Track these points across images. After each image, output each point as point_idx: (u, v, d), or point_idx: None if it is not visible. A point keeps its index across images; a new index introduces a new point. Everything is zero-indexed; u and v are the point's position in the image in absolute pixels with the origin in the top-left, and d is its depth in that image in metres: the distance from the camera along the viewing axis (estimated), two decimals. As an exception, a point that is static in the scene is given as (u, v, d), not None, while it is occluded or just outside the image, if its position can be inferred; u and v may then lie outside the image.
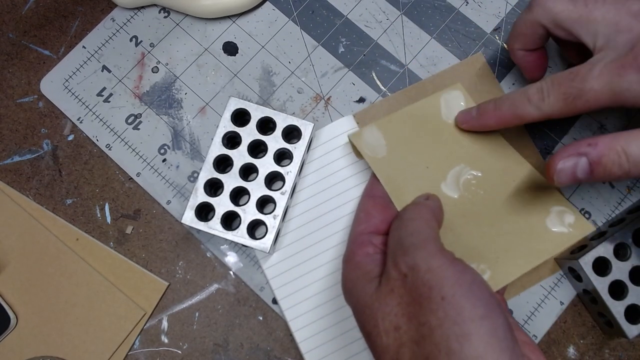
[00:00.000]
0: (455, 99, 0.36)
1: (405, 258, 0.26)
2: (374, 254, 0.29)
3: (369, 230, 0.31)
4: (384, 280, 0.27)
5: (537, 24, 0.32)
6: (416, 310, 0.25)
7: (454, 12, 0.41)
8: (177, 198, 0.38)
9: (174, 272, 0.38)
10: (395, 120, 0.35)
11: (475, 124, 0.34)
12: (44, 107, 0.40)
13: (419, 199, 0.32)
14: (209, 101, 0.40)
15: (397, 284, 0.26)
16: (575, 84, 0.28)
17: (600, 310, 0.35)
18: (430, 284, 0.24)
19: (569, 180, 0.28)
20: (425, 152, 0.34)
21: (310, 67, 0.40)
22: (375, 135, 0.34)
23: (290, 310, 0.36)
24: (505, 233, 0.33)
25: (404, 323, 0.25)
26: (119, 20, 0.42)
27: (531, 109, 0.30)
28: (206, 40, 0.41)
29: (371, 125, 0.35)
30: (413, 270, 0.25)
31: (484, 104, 0.33)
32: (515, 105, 0.31)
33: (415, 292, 0.25)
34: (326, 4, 0.41)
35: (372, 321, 0.26)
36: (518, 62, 0.36)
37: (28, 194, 0.39)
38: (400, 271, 0.26)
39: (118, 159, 0.39)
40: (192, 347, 0.36)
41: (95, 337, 0.36)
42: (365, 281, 0.28)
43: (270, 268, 0.36)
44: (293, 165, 0.36)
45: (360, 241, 0.30)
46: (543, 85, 0.30)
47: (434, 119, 0.35)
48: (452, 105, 0.35)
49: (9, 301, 0.37)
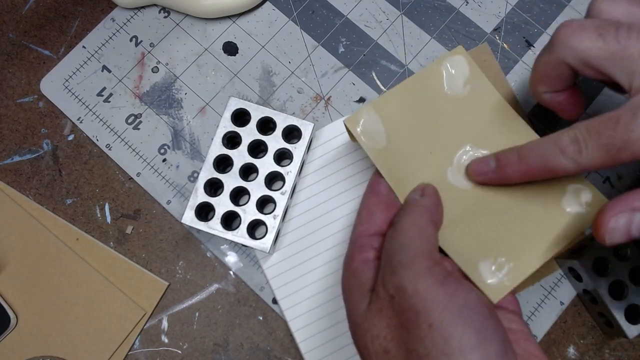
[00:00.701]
0: (458, 65, 0.32)
1: (392, 278, 0.25)
2: (373, 260, 0.28)
3: (370, 231, 0.29)
4: (374, 298, 0.25)
5: (561, 64, 0.28)
6: (404, 335, 0.23)
7: (454, 12, 0.41)
8: (177, 198, 0.38)
9: (174, 272, 0.38)
10: (392, 97, 0.32)
11: (493, 177, 0.30)
12: (44, 107, 0.40)
13: (414, 195, 0.30)
14: (209, 101, 0.40)
15: (385, 304, 0.25)
16: (618, 134, 0.24)
17: (600, 310, 0.35)
18: (416, 308, 0.23)
19: (623, 239, 0.25)
20: (428, 135, 0.32)
21: (310, 67, 0.40)
22: (373, 120, 0.31)
23: (290, 310, 0.36)
24: (521, 219, 0.30)
25: (392, 347, 0.24)
26: (119, 20, 0.42)
27: (566, 161, 0.26)
28: (206, 40, 0.41)
29: (367, 106, 0.32)
30: (399, 292, 0.24)
31: (504, 153, 0.29)
32: (545, 158, 0.27)
33: (402, 316, 0.24)
34: (326, 4, 0.41)
35: (363, 342, 0.25)
36: (547, 105, 0.31)
37: (28, 194, 0.39)
38: (387, 291, 0.25)
39: (118, 159, 0.39)
40: (192, 347, 0.36)
41: (95, 337, 0.36)
42: (358, 295, 0.26)
43: (270, 268, 0.36)
44: (293, 165, 0.36)
45: (360, 244, 0.29)
46: (578, 134, 0.26)
47: (435, 93, 0.32)
48: (455, 74, 0.32)
49: (9, 301, 0.37)
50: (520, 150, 0.28)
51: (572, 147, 0.26)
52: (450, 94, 0.33)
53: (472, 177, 0.31)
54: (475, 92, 0.33)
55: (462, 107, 0.32)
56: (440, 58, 0.33)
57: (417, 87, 0.32)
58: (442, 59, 0.33)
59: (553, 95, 0.30)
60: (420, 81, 0.32)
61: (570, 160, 0.26)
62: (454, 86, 0.32)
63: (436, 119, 0.32)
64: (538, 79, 0.30)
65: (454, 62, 0.33)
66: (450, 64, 0.33)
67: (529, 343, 0.26)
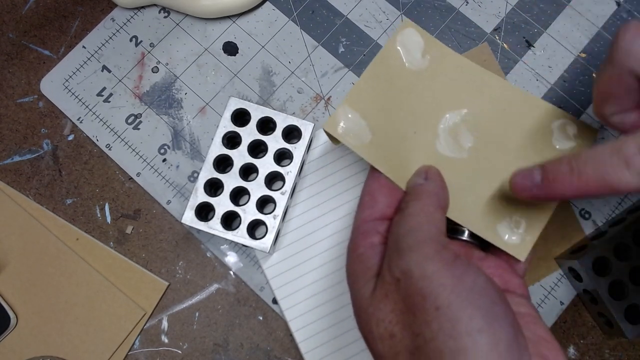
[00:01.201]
0: (411, 39, 0.32)
1: (399, 261, 0.24)
2: (378, 245, 0.27)
3: (374, 216, 0.28)
4: (379, 283, 0.25)
5: (627, 75, 0.24)
6: (410, 319, 0.23)
7: (454, 12, 0.41)
8: (177, 198, 0.38)
9: (174, 272, 0.38)
10: (362, 89, 0.31)
11: (539, 194, 0.26)
12: (44, 107, 0.40)
13: (418, 179, 0.29)
14: (209, 101, 0.40)
15: (391, 289, 0.24)
16: None
17: (600, 310, 0.35)
18: (423, 292, 0.23)
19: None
20: (407, 115, 0.31)
21: (310, 67, 0.40)
22: (351, 117, 0.31)
23: (290, 310, 0.36)
24: None
25: (398, 331, 0.23)
26: (119, 20, 0.42)
27: (631, 177, 0.22)
28: (206, 40, 0.41)
29: (342, 106, 0.31)
30: (406, 276, 0.23)
31: (553, 165, 0.25)
32: (604, 171, 0.23)
33: (409, 300, 0.23)
34: (326, 4, 0.41)
35: (367, 326, 0.25)
36: (618, 128, 0.27)
37: (28, 194, 0.39)
38: (393, 275, 0.24)
39: (118, 159, 0.39)
40: (192, 347, 0.36)
41: (95, 337, 0.36)
42: (364, 280, 0.26)
43: (270, 268, 0.36)
44: (293, 165, 0.36)
45: (364, 230, 0.28)
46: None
47: (399, 71, 0.32)
48: (410, 48, 0.32)
49: (9, 301, 0.37)
50: (573, 162, 0.24)
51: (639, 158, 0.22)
52: (412, 68, 0.32)
53: (516, 193, 0.27)
54: (436, 60, 0.33)
55: (428, 78, 0.32)
56: (392, 36, 0.32)
57: (381, 70, 0.32)
58: (394, 37, 0.32)
59: (624, 116, 0.26)
60: (381, 64, 0.32)
61: (637, 176, 0.22)
62: (414, 60, 0.32)
63: (409, 97, 0.32)
64: (602, 99, 0.26)
65: (405, 36, 0.32)
66: (403, 39, 0.32)
67: (538, 327, 0.25)
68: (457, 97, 0.32)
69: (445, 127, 0.31)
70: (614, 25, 0.41)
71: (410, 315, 0.23)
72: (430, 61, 0.33)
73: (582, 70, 0.40)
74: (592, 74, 0.40)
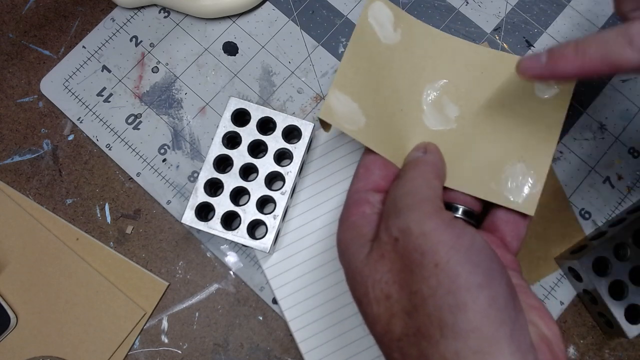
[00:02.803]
0: (381, 13, 0.32)
1: (397, 220, 0.24)
2: (370, 214, 0.27)
3: (368, 187, 0.28)
4: (376, 245, 0.25)
5: None
6: (408, 277, 0.23)
7: (454, 12, 0.41)
8: (177, 198, 0.38)
9: (174, 272, 0.38)
10: (347, 70, 0.31)
11: (545, 72, 0.26)
12: (44, 107, 0.40)
13: (417, 152, 0.29)
14: (209, 101, 0.40)
15: (388, 248, 0.24)
16: None
17: (600, 310, 0.35)
18: (422, 249, 0.22)
19: None
20: (392, 92, 0.31)
21: (310, 67, 0.40)
22: (343, 101, 0.30)
23: (290, 310, 0.36)
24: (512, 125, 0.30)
25: (395, 291, 0.23)
26: (119, 20, 0.42)
27: (633, 53, 0.23)
28: (206, 40, 0.41)
29: (332, 89, 0.30)
30: (405, 234, 0.23)
31: (558, 47, 0.26)
32: (607, 49, 0.24)
33: (406, 258, 0.23)
34: (326, 4, 0.41)
35: (363, 288, 0.24)
36: None
37: (28, 194, 0.39)
38: (391, 235, 0.24)
39: (118, 159, 0.39)
40: (192, 347, 0.36)
41: (95, 337, 0.36)
42: (358, 244, 0.26)
43: (270, 268, 0.36)
44: (293, 165, 0.36)
45: (357, 199, 0.28)
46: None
47: (376, 47, 0.31)
48: (382, 22, 0.32)
49: (9, 301, 0.37)
50: (578, 43, 0.25)
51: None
52: (388, 42, 0.32)
53: (521, 73, 0.27)
54: (407, 33, 0.33)
55: (402, 51, 0.32)
56: (362, 11, 0.32)
57: (360, 49, 0.31)
58: (365, 11, 0.32)
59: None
60: (358, 41, 0.31)
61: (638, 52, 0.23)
62: (387, 34, 0.32)
63: (390, 74, 0.32)
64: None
65: (375, 10, 0.32)
66: (373, 13, 0.32)
67: (529, 296, 0.25)
68: (434, 68, 0.32)
69: (429, 101, 0.31)
70: (614, 25, 0.40)
71: (408, 273, 0.23)
72: (402, 34, 0.32)
73: (582, 70, 0.40)
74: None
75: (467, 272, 0.21)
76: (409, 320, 0.22)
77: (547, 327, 0.24)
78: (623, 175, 0.38)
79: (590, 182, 0.38)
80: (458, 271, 0.21)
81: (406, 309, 0.22)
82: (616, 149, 0.38)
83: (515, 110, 0.31)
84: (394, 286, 0.23)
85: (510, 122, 0.31)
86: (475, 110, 0.31)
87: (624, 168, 0.38)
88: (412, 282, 0.22)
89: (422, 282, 0.22)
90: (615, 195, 0.38)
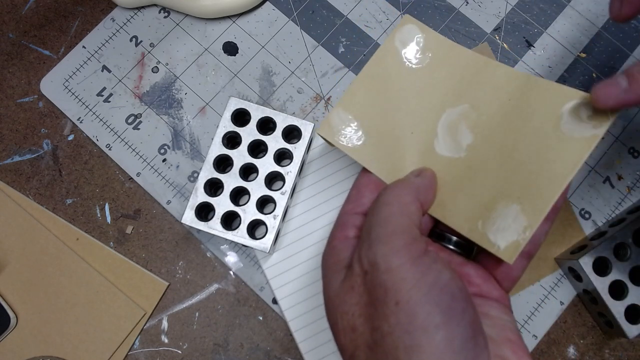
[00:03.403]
0: (411, 35, 0.31)
1: (368, 253, 0.24)
2: (352, 238, 0.27)
3: (356, 210, 0.28)
4: (348, 275, 0.25)
5: None
6: (372, 312, 0.23)
7: (454, 12, 0.41)
8: (177, 198, 0.38)
9: (174, 272, 0.38)
10: (357, 90, 0.31)
11: (632, 97, 0.24)
12: (44, 107, 0.40)
13: (410, 175, 0.29)
14: (209, 101, 0.40)
15: (358, 281, 0.24)
16: None
17: (600, 310, 0.35)
18: (386, 285, 0.22)
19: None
20: (405, 115, 0.30)
21: (310, 67, 0.40)
22: (345, 120, 0.30)
23: (290, 310, 0.36)
24: (522, 161, 0.27)
25: (360, 324, 0.23)
26: (119, 20, 0.42)
27: None
28: (206, 40, 0.41)
29: (336, 107, 0.30)
30: (373, 268, 0.23)
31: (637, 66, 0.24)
32: None
33: (372, 293, 0.23)
34: (326, 4, 0.41)
35: (333, 317, 0.25)
36: None
37: (28, 194, 0.39)
38: (362, 267, 0.24)
39: (118, 159, 0.39)
40: (192, 347, 0.36)
41: (95, 337, 0.36)
42: (334, 271, 0.26)
43: (270, 268, 0.36)
44: (293, 165, 0.36)
45: (343, 222, 0.28)
46: None
47: (397, 70, 0.31)
48: (410, 45, 0.31)
49: (9, 301, 0.37)
50: None
51: None
52: (411, 66, 0.31)
53: (599, 104, 0.25)
54: (437, 55, 0.32)
55: (428, 74, 0.31)
56: (391, 33, 0.31)
57: (378, 70, 0.31)
58: (393, 34, 0.31)
59: None
60: (378, 63, 0.31)
61: None
62: (414, 57, 0.31)
63: (407, 96, 0.31)
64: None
65: (404, 33, 0.31)
66: (402, 36, 0.31)
67: (506, 329, 0.25)
68: (458, 92, 0.30)
69: (445, 126, 0.30)
70: (614, 25, 0.41)
71: (372, 308, 0.23)
72: (432, 57, 0.32)
73: (582, 70, 0.40)
74: (592, 74, 0.40)
75: (425, 313, 0.21)
76: (371, 354, 0.22)
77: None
78: (623, 175, 0.38)
79: (590, 182, 0.38)
80: (416, 311, 0.21)
81: (368, 343, 0.23)
82: (616, 149, 0.38)
83: (531, 145, 0.28)
84: (360, 319, 0.23)
85: (522, 158, 0.28)
86: (489, 140, 0.29)
87: (624, 168, 0.38)
88: (375, 318, 0.22)
89: (383, 319, 0.22)
90: (615, 195, 0.38)
